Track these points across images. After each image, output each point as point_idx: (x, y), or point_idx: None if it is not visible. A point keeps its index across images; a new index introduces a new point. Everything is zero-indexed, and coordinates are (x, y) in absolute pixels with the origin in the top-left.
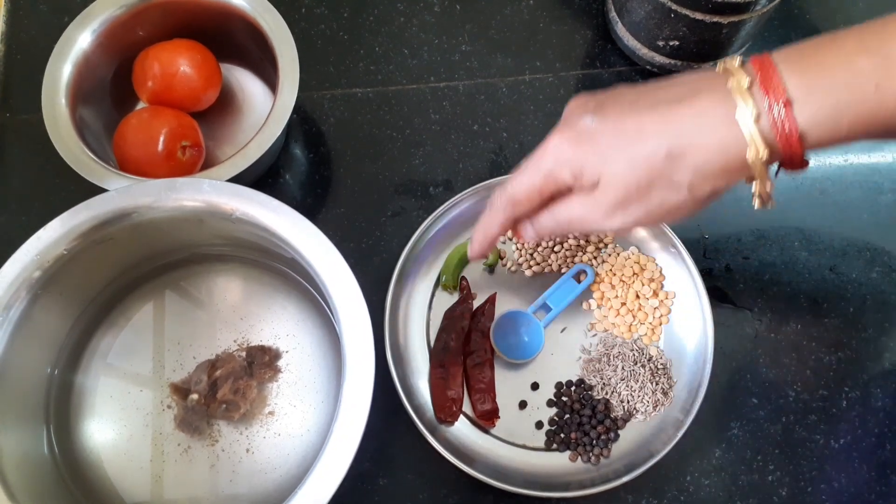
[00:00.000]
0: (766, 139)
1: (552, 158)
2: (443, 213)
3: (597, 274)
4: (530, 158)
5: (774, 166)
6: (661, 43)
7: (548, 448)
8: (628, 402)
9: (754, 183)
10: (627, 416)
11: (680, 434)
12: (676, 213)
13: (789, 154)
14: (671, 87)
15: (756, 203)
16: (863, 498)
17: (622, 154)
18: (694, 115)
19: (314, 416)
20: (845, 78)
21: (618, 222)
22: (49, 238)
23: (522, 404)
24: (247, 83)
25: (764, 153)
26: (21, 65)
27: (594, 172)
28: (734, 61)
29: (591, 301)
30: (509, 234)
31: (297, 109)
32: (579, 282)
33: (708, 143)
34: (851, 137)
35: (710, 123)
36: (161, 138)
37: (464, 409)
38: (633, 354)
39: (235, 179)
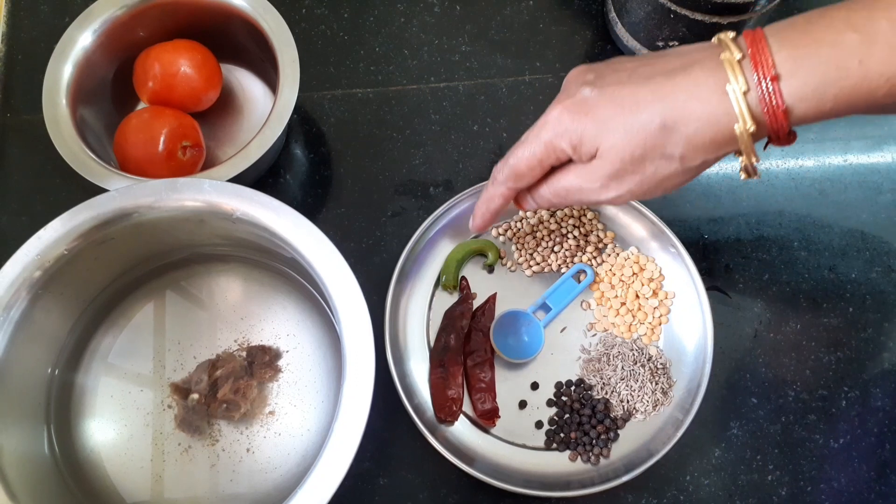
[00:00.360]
0: (754, 113)
1: (552, 129)
2: (443, 213)
3: (596, 274)
4: (531, 130)
5: (763, 139)
6: (660, 43)
7: (548, 448)
8: (628, 401)
9: (741, 158)
10: (627, 416)
11: (679, 434)
12: (668, 182)
13: (775, 128)
14: (667, 59)
15: (742, 175)
16: (862, 497)
17: (618, 125)
18: (687, 86)
19: (314, 415)
20: (831, 54)
21: (612, 193)
22: (50, 238)
23: (522, 404)
24: (247, 83)
25: (751, 127)
26: (22, 65)
27: (592, 143)
28: (728, 34)
29: (590, 301)
30: (509, 234)
31: (298, 110)
32: (579, 282)
33: (699, 115)
34: (836, 112)
35: (702, 95)
36: (162, 138)
37: (464, 408)
38: (633, 354)
39: (236, 179)
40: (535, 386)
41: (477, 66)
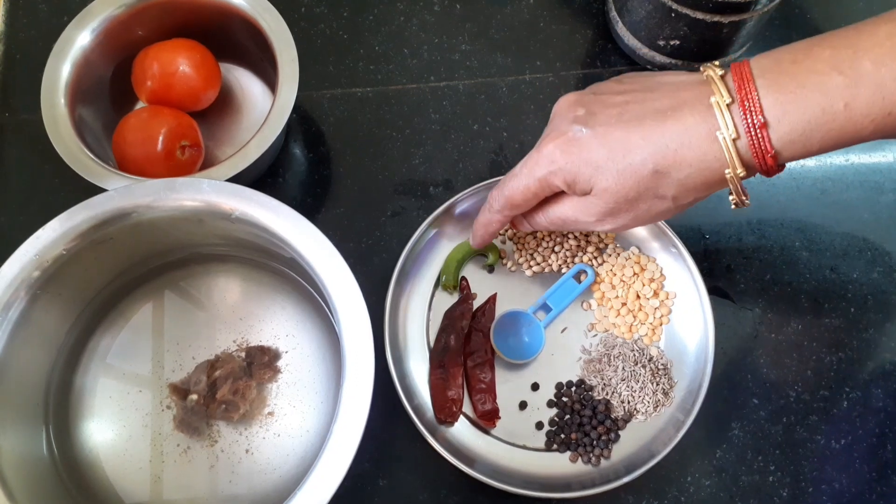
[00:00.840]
0: (744, 159)
1: (545, 167)
2: (443, 213)
3: (597, 274)
4: (525, 162)
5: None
6: (661, 42)
7: (548, 448)
8: (629, 402)
9: (731, 195)
10: (628, 417)
11: (680, 434)
12: (661, 217)
13: (764, 169)
14: (657, 95)
15: (732, 206)
16: (864, 498)
17: (611, 168)
18: (678, 132)
19: (314, 416)
20: (817, 98)
21: (608, 226)
22: (48, 238)
23: (523, 405)
24: (246, 83)
25: (741, 172)
26: (20, 64)
27: (587, 183)
28: (716, 71)
29: (591, 301)
30: (509, 234)
31: (297, 109)
32: (579, 282)
33: (690, 161)
34: (823, 151)
35: (693, 143)
36: (160, 138)
37: (464, 409)
38: (634, 355)
39: (235, 179)
40: (535, 387)
41: (477, 65)
